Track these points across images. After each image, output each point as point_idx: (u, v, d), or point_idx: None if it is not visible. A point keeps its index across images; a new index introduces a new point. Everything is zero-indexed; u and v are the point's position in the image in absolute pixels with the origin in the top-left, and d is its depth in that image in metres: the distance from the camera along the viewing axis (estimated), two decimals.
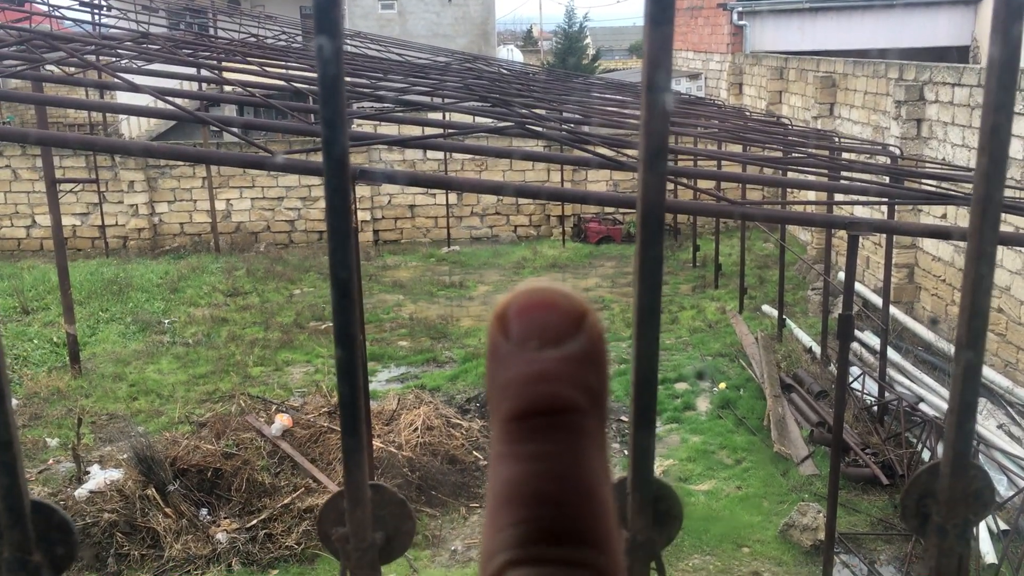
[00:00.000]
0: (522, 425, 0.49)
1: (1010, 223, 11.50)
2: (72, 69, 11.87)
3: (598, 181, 22.08)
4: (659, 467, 11.09)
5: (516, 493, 0.47)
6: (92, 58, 11.29)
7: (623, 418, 12.53)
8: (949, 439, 0.67)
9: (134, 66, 12.06)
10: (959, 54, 24.26)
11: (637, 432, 0.66)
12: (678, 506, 0.69)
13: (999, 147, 0.60)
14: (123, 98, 18.65)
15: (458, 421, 11.40)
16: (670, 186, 19.21)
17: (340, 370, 0.66)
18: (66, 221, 19.63)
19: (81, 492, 9.84)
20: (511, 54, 43.32)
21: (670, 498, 0.69)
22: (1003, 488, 9.64)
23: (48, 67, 11.44)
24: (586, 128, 12.44)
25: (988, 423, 10.99)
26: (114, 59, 12.69)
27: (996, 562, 8.56)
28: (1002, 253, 12.38)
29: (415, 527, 0.75)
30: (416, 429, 10.70)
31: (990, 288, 0.61)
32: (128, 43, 12.71)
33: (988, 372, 12.12)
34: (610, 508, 0.48)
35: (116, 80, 9.30)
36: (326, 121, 0.64)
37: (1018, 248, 11.94)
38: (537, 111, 11.23)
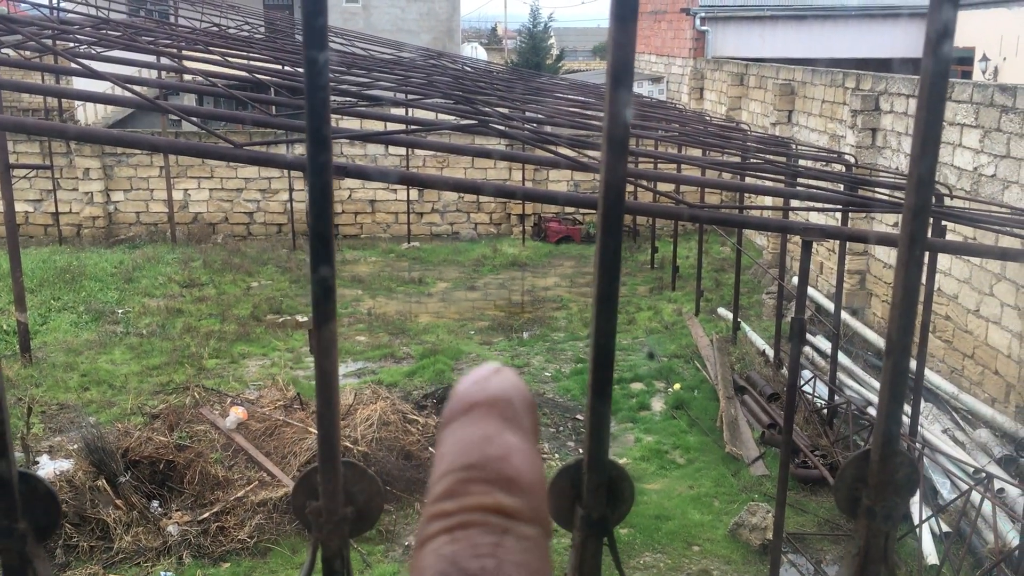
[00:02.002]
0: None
1: (959, 232, 11.79)
2: (29, 53, 11.68)
3: (559, 181, 22.19)
4: None
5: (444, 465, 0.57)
6: (49, 43, 11.11)
7: (579, 416, 12.64)
8: (879, 429, 0.73)
9: (92, 52, 11.90)
10: (915, 65, 24.75)
11: (592, 415, 0.71)
12: (630, 486, 0.74)
13: (929, 162, 0.66)
14: (80, 84, 18.36)
15: (414, 417, 11.40)
16: (630, 188, 19.36)
17: (318, 350, 0.70)
18: (19, 207, 19.28)
19: None
20: (475, 52, 43.29)
21: (622, 478, 0.74)
22: (946, 491, 9.88)
23: (4, 50, 11.23)
24: (549, 128, 12.52)
25: (933, 427, 11.25)
26: (72, 44, 12.50)
27: (938, 563, 8.78)
28: (950, 262, 12.68)
29: (384, 503, 0.79)
30: (372, 424, 10.69)
31: (917, 289, 0.66)
32: (87, 28, 12.52)
33: (934, 378, 12.40)
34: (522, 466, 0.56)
35: (74, 65, 9.17)
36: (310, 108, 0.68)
37: (966, 257, 12.24)
38: (500, 109, 11.28)
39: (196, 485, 9.74)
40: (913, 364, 10.22)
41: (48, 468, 10.00)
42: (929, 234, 9.55)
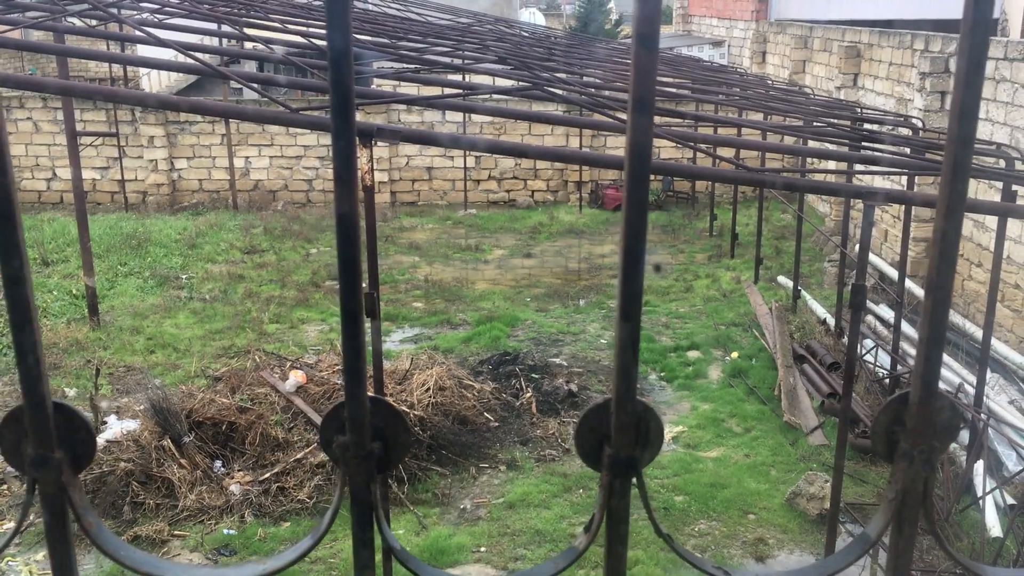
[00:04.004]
0: None
1: None
2: (94, 22, 11.89)
3: (617, 147, 21.98)
4: (669, 433, 11.16)
5: None
6: (114, 11, 11.29)
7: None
8: (918, 370, 0.70)
9: (155, 20, 12.07)
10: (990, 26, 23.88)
11: (620, 356, 0.70)
12: (659, 426, 0.73)
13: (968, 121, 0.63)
14: (144, 52, 18.66)
15: (470, 383, 11.49)
16: (688, 153, 19.14)
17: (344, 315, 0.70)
18: (86, 175, 19.75)
19: (98, 441, 10.01)
20: (533, 17, 42.95)
21: (652, 418, 0.73)
22: (1012, 463, 9.66)
23: (70, 19, 11.46)
24: (607, 93, 12.38)
25: (1000, 398, 10.98)
26: (135, 13, 12.68)
27: (1002, 535, 8.60)
28: (1021, 229, 12.30)
29: (411, 440, 0.79)
30: (428, 389, 10.79)
31: (959, 226, 0.64)
32: None
33: (1002, 348, 12.09)
34: None
35: (138, 33, 9.31)
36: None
37: None
38: (558, 75, 11.18)
39: (257, 446, 9.95)
40: (980, 334, 9.96)
41: (116, 428, 10.30)
42: (999, 199, 9.27)
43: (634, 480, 0.74)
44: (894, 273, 14.45)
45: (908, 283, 13.23)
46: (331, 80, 0.71)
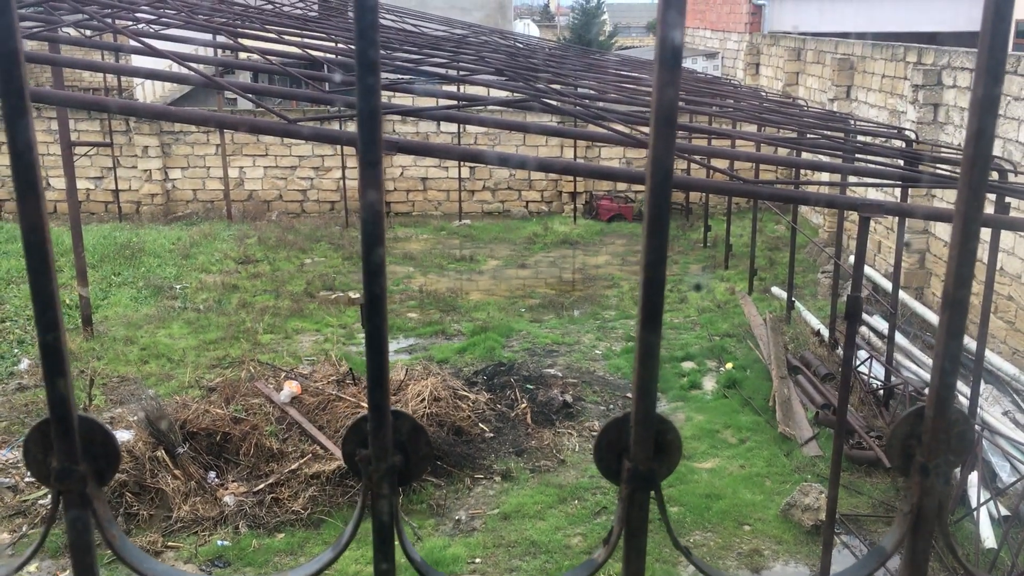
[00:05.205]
0: None
1: (1023, 210, 11.47)
2: (89, 32, 11.90)
3: (611, 159, 22.04)
4: None
5: None
6: (109, 21, 11.30)
7: (629, 395, 12.60)
8: (934, 384, 0.71)
9: (151, 30, 12.07)
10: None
11: (640, 373, 0.71)
12: (677, 439, 0.74)
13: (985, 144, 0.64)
14: (138, 63, 18.68)
15: (465, 393, 11.48)
16: (683, 164, 19.26)
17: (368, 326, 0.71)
18: (80, 185, 19.70)
19: None
20: (527, 28, 43.13)
21: (670, 431, 0.74)
22: (1005, 474, 9.68)
23: (65, 29, 11.46)
24: (601, 104, 12.41)
25: (993, 409, 11.01)
26: (130, 23, 12.69)
27: (996, 547, 8.62)
28: (1014, 240, 12.36)
29: (432, 453, 0.80)
30: (423, 400, 10.78)
31: (976, 239, 0.65)
32: (145, 7, 12.71)
33: (995, 359, 12.13)
34: None
35: (134, 43, 9.32)
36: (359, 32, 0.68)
37: None
38: (553, 86, 11.22)
39: (251, 457, 9.92)
40: (973, 345, 9.98)
41: None
42: (992, 211, 9.32)
43: (652, 493, 0.75)
44: (887, 284, 14.51)
45: (901, 294, 13.27)
46: (359, 88, 0.72)
